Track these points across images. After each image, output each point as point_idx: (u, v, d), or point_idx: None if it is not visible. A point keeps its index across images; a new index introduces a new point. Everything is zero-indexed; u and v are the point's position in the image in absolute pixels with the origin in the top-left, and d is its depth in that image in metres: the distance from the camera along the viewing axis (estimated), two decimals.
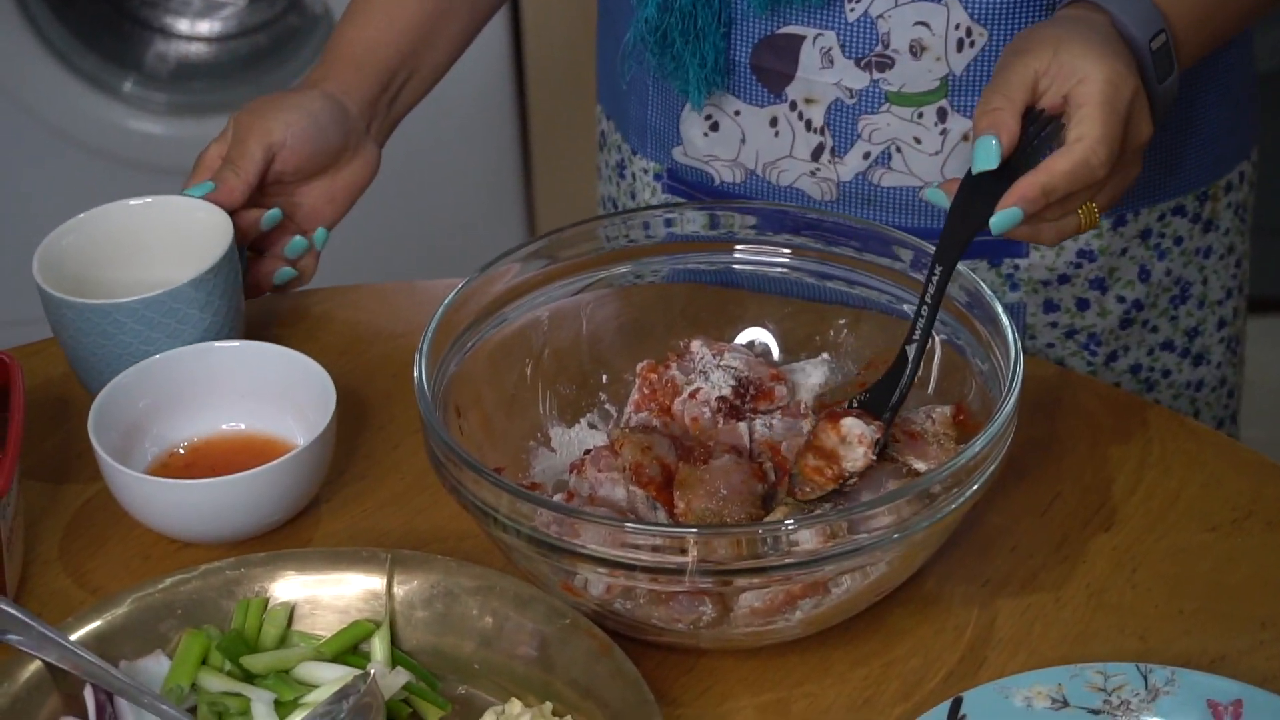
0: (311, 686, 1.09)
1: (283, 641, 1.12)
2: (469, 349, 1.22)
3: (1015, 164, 1.13)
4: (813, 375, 1.26)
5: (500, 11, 2.66)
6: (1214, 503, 1.23)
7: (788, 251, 1.27)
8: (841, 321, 1.28)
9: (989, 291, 1.17)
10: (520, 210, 2.87)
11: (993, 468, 1.09)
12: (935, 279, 1.14)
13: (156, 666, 1.09)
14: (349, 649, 1.12)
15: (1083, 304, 1.43)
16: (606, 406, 1.28)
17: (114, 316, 1.28)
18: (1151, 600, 1.16)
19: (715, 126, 1.41)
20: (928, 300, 1.14)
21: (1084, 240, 1.40)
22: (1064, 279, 1.42)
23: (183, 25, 2.79)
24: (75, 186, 2.71)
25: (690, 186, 1.46)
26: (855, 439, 1.13)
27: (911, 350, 1.15)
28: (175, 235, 1.37)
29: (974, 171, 1.14)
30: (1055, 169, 1.12)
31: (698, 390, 1.22)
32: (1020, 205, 1.12)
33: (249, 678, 1.10)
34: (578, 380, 1.28)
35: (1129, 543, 1.20)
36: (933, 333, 1.20)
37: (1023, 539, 1.21)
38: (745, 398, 1.22)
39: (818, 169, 1.38)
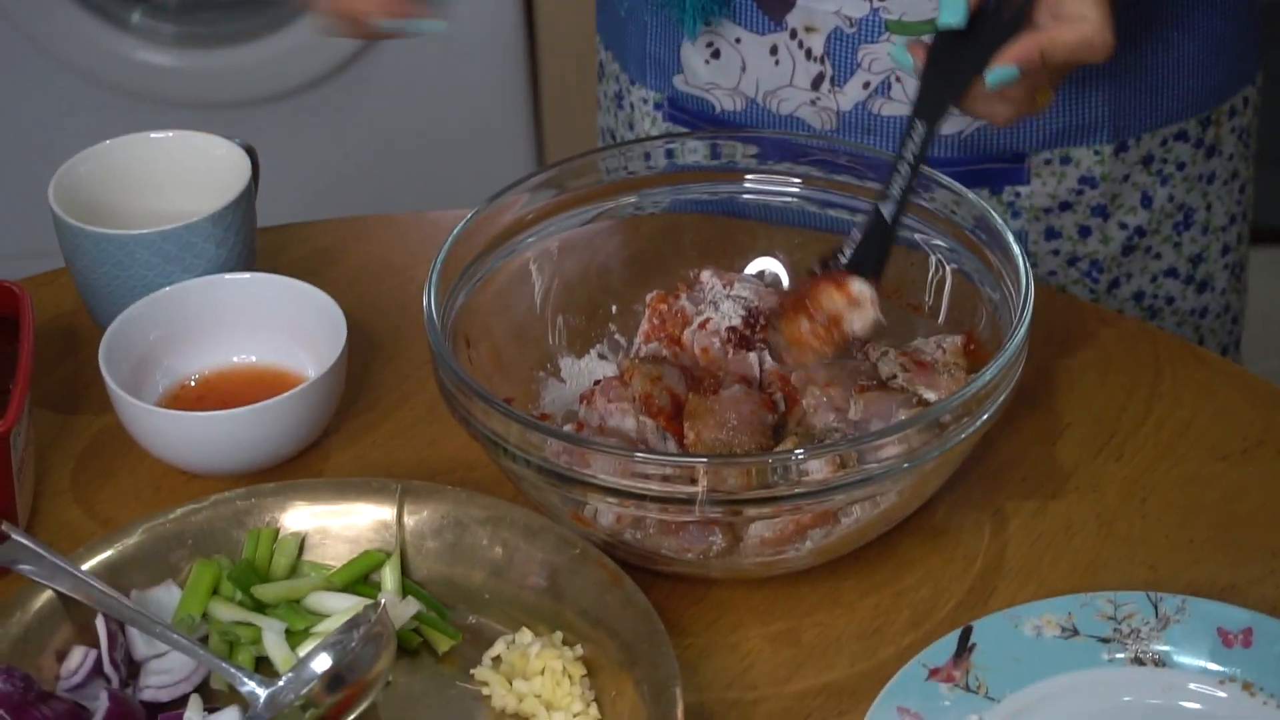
0: (322, 616, 1.10)
1: (293, 571, 1.13)
2: (478, 280, 1.22)
3: (982, 34, 1.12)
4: None
5: None
6: (1225, 432, 1.23)
7: (796, 181, 1.26)
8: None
9: (999, 220, 1.17)
10: (529, 142, 2.86)
11: (1003, 397, 1.09)
12: (917, 136, 1.13)
13: (167, 596, 1.10)
14: (359, 579, 1.12)
15: (1084, 231, 1.43)
16: (616, 337, 1.28)
17: (129, 248, 1.28)
18: (1162, 530, 1.16)
19: (716, 54, 1.40)
20: (908, 158, 1.13)
21: (1085, 166, 1.40)
22: (1065, 206, 1.42)
23: None
24: (83, 119, 2.70)
25: (691, 115, 1.45)
26: (867, 300, 1.11)
27: (888, 210, 1.14)
28: (192, 170, 1.37)
29: (939, 24, 1.13)
30: (1059, 38, 1.11)
31: (707, 320, 1.22)
32: (1018, 63, 1.11)
33: (260, 607, 1.10)
34: (587, 311, 1.28)
35: (1139, 472, 1.20)
36: (944, 261, 1.19)
37: (1033, 469, 1.21)
38: (755, 328, 1.22)
39: (817, 98, 1.38)
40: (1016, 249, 1.15)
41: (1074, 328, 1.31)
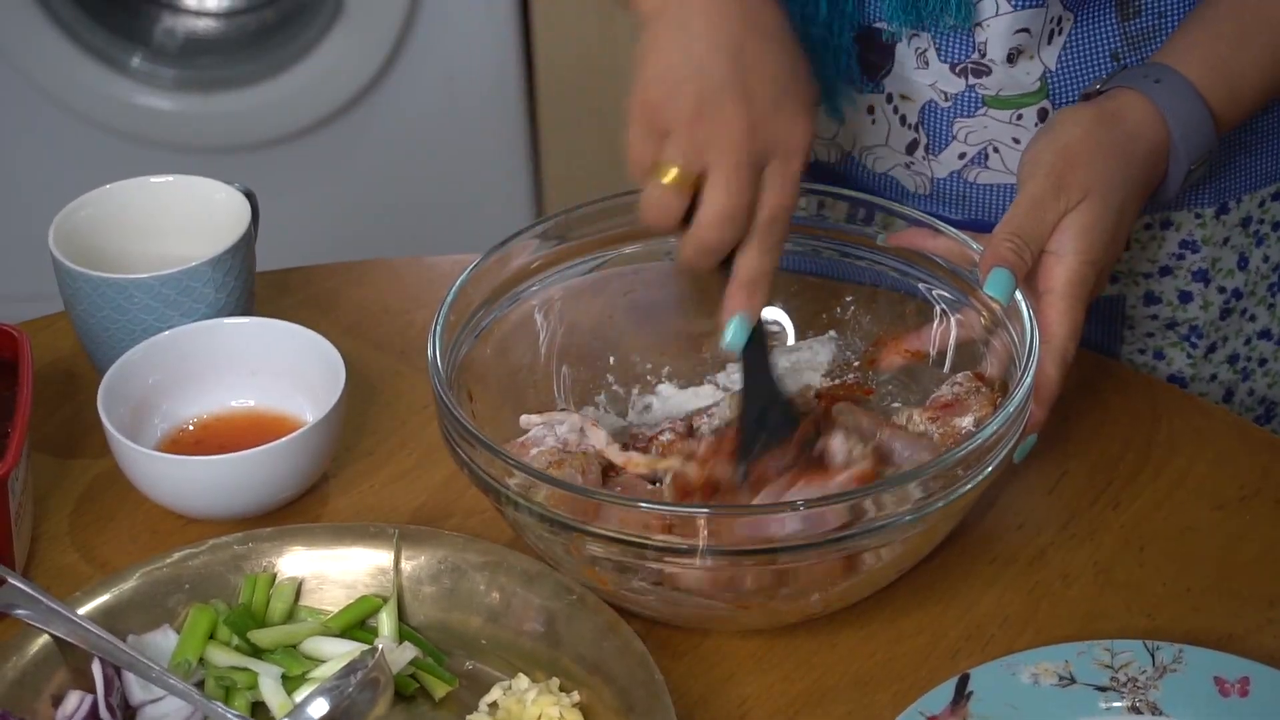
0: (319, 661, 1.10)
1: (290, 616, 1.13)
2: (483, 328, 1.22)
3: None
4: (820, 353, 1.26)
5: (511, 5, 2.66)
6: (1222, 480, 1.23)
7: (796, 230, 1.26)
8: (849, 298, 1.28)
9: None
10: (527, 187, 2.87)
11: (1011, 443, 1.09)
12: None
13: (164, 641, 1.10)
14: (356, 624, 1.12)
15: (1185, 296, 1.41)
16: (615, 388, 1.28)
17: (129, 291, 1.28)
18: (1159, 578, 1.17)
19: (817, 101, 1.38)
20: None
21: (1187, 230, 1.38)
22: (1165, 271, 1.40)
23: (191, 1, 2.80)
24: (83, 162, 2.71)
25: None
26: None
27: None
28: (192, 214, 1.38)
29: (985, 291, 1.16)
30: (1051, 377, 1.16)
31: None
32: (1037, 430, 1.16)
33: (256, 652, 1.10)
34: (589, 361, 1.28)
35: (1137, 520, 1.21)
36: (948, 311, 1.21)
37: (1030, 516, 1.21)
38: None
39: (912, 162, 1.37)
40: (1020, 298, 1.15)
41: (1072, 376, 1.31)
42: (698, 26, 1.12)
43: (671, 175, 1.11)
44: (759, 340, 1.15)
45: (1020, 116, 1.32)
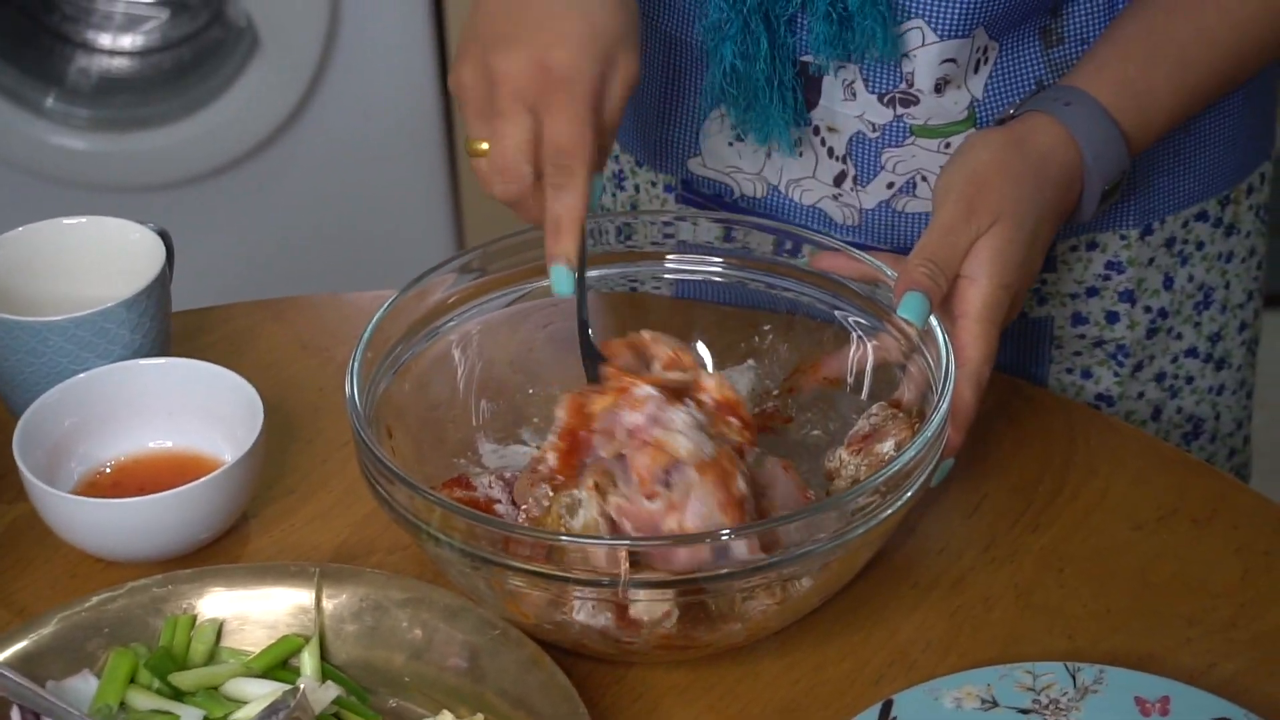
0: (241, 703, 1.09)
1: (211, 658, 1.12)
2: (401, 364, 1.22)
3: None
4: (739, 382, 1.27)
5: (423, 17, 2.67)
6: (1139, 500, 1.24)
7: (718, 261, 1.27)
8: (766, 327, 1.28)
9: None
10: (448, 223, 2.87)
11: (930, 469, 1.10)
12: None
13: (84, 686, 1.09)
14: (278, 664, 1.12)
15: (1112, 316, 1.42)
16: (535, 420, 1.28)
17: (43, 334, 1.27)
18: (1079, 599, 1.18)
19: (740, 137, 1.38)
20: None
21: (1112, 251, 1.39)
22: (1092, 291, 1.42)
23: (105, 40, 2.78)
24: None
25: (706, 198, 1.43)
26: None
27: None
28: (106, 255, 1.37)
29: (899, 314, 1.17)
30: (967, 401, 1.17)
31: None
32: (954, 454, 1.17)
33: (178, 695, 1.09)
34: (508, 395, 1.28)
35: (1056, 542, 1.22)
36: (864, 337, 1.22)
37: (951, 540, 1.22)
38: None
39: (840, 194, 1.37)
40: (934, 322, 1.16)
41: (988, 399, 1.32)
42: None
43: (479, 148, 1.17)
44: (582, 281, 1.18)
45: (948, 145, 1.33)
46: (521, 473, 1.17)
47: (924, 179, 1.35)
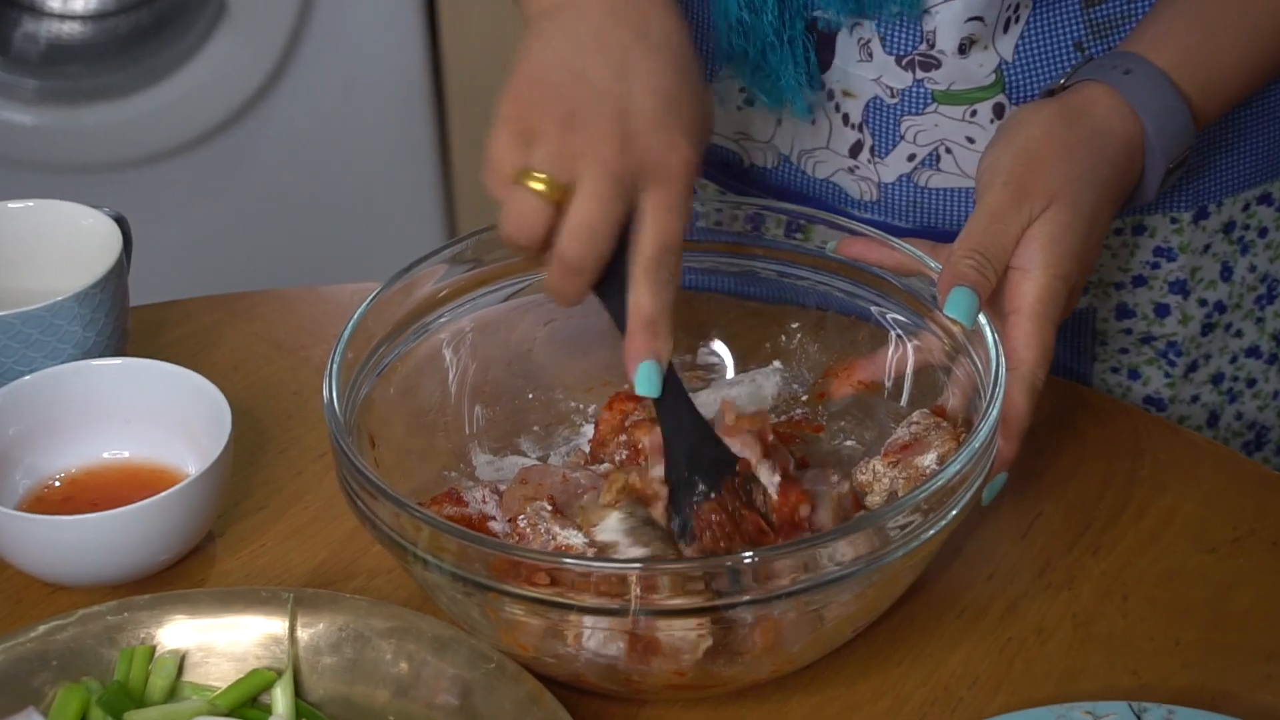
0: None
1: (172, 694, 1.12)
2: (385, 365, 1.22)
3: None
4: (764, 387, 1.27)
5: (415, 5, 2.67)
6: (1213, 521, 1.24)
7: (727, 249, 1.27)
8: (794, 325, 1.28)
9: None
10: (437, 206, 2.87)
11: (977, 485, 1.10)
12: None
13: None
14: (247, 701, 1.12)
15: (1162, 310, 1.42)
16: (535, 428, 1.28)
17: None
18: (1145, 631, 1.17)
19: (750, 100, 1.38)
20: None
21: (1162, 236, 1.39)
22: (1139, 281, 1.41)
23: (54, 2, 2.79)
24: None
25: (715, 168, 1.44)
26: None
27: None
28: (55, 243, 1.37)
29: (946, 313, 1.17)
30: (1020, 408, 1.17)
31: None
32: (1006, 468, 1.17)
33: None
34: (505, 400, 1.28)
35: (1119, 567, 1.21)
36: (902, 336, 1.21)
37: (1001, 565, 1.22)
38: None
39: (856, 166, 1.38)
40: (983, 320, 1.16)
41: (1044, 405, 1.32)
42: (583, 29, 1.13)
43: (538, 181, 1.11)
44: (673, 384, 1.14)
45: (974, 113, 1.33)
46: (510, 483, 1.17)
47: (948, 151, 1.35)
